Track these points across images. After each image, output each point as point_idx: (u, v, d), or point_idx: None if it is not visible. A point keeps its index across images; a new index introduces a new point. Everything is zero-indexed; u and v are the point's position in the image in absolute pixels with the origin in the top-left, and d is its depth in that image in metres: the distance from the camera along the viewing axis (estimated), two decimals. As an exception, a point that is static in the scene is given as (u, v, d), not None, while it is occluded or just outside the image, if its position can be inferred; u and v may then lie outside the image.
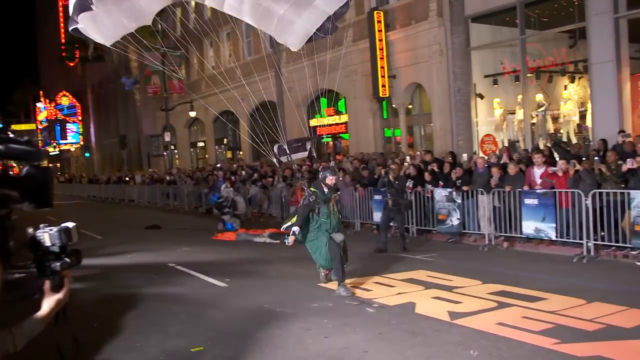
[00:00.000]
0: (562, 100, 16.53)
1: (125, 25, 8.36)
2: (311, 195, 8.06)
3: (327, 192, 8.15)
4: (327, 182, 8.17)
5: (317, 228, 8.12)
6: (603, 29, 13.75)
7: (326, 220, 8.09)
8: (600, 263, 9.57)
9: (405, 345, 5.82)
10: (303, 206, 8.15)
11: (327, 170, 8.45)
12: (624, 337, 5.79)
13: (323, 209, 8.07)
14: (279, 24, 8.31)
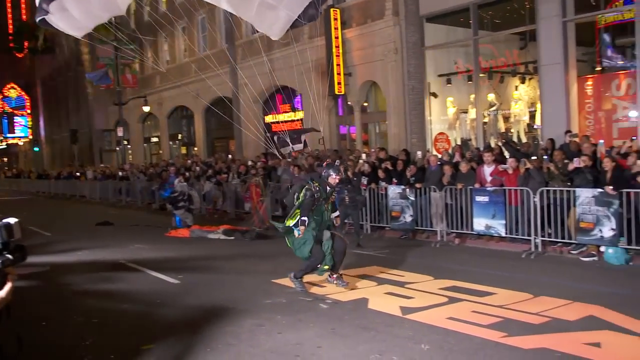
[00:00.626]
0: (513, 100, 16.93)
1: (98, 15, 8.11)
2: (317, 190, 7.74)
3: (328, 190, 7.93)
4: (329, 180, 7.92)
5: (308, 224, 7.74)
6: (552, 32, 14.14)
7: (318, 218, 7.82)
8: (547, 258, 9.86)
9: (357, 340, 5.88)
10: (310, 199, 7.70)
11: (331, 168, 8.10)
12: (568, 330, 5.98)
13: (319, 207, 7.82)
14: (259, 9, 7.82)
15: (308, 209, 7.70)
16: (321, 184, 7.85)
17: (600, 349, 5.46)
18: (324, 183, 7.88)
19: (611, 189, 9.04)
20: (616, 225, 9.04)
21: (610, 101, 13.84)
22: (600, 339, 5.67)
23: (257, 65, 23.79)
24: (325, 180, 7.91)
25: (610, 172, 9.27)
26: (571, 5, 14.09)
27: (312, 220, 7.76)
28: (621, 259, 9.09)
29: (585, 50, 15.26)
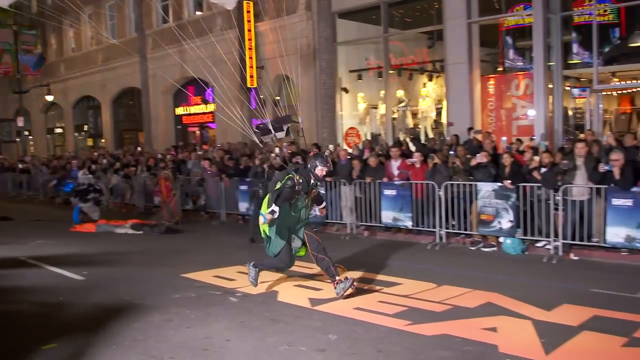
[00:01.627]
0: (421, 97, 17.48)
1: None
2: (300, 183, 7.08)
3: (312, 182, 7.26)
4: (316, 172, 7.23)
5: (282, 220, 7.18)
6: (457, 33, 14.71)
7: (295, 215, 7.21)
8: (451, 249, 10.28)
9: (266, 333, 5.93)
10: (289, 190, 7.08)
11: (318, 158, 7.36)
12: (468, 316, 6.29)
13: (300, 201, 7.20)
14: None
15: (283, 199, 7.10)
16: (305, 176, 7.19)
17: (497, 333, 5.77)
18: (309, 175, 7.22)
19: (509, 183, 9.56)
20: (514, 217, 9.58)
21: (511, 100, 14.58)
22: (497, 324, 6.00)
23: (168, 56, 23.32)
24: (312, 172, 7.23)
25: (509, 167, 9.78)
26: (475, 8, 14.70)
27: (289, 216, 7.18)
28: (518, 249, 9.65)
29: (488, 51, 15.98)
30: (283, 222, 7.17)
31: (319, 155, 7.53)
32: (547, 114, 13.54)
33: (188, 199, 15.41)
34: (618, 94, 17.20)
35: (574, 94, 15.25)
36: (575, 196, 9.10)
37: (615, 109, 17.56)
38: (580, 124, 14.59)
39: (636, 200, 8.53)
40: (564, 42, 14.02)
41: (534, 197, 9.56)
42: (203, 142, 22.94)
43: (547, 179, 9.36)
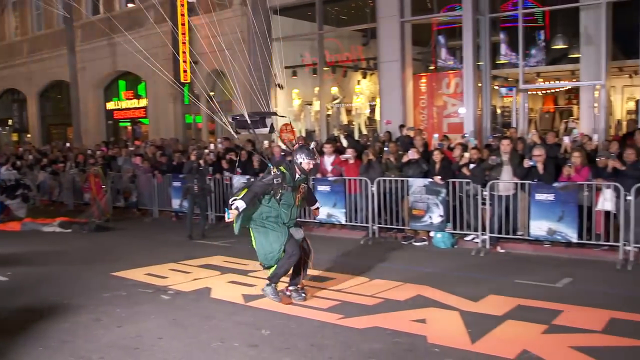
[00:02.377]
0: (355, 94, 17.67)
1: None
2: (278, 176, 6.50)
3: (298, 177, 6.69)
4: (302, 166, 6.65)
5: (275, 218, 6.63)
6: (391, 31, 14.94)
7: (287, 212, 6.64)
8: (384, 244, 10.47)
9: (199, 330, 5.89)
10: (262, 183, 6.56)
11: (304, 150, 6.76)
12: (399, 309, 6.45)
13: (287, 197, 6.59)
14: None
15: (254, 192, 6.53)
16: (290, 169, 6.65)
17: (426, 324, 5.95)
18: (293, 169, 6.67)
19: (439, 179, 9.82)
20: (444, 212, 9.86)
21: (442, 98, 14.95)
22: (426, 316, 6.19)
23: (98, 49, 22.68)
24: (298, 165, 6.65)
25: (439, 164, 10.04)
26: (408, 7, 14.98)
27: (281, 215, 6.63)
28: (448, 243, 9.94)
29: (421, 49, 16.33)
30: (277, 219, 6.64)
31: (305, 147, 6.96)
32: (476, 112, 13.96)
33: (119, 196, 15.06)
34: (543, 94, 17.96)
35: (502, 93, 15.79)
36: (501, 191, 9.45)
37: (540, 108, 18.33)
38: (508, 122, 15.10)
39: (557, 195, 8.94)
40: (493, 43, 14.48)
41: (463, 193, 9.87)
42: (135, 138, 22.43)
43: (476, 175, 9.68)
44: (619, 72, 15.10)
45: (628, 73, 14.96)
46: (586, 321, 5.91)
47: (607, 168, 8.77)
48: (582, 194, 8.85)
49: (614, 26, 13.13)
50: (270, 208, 6.63)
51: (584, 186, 8.86)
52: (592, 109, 13.42)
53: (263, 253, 6.63)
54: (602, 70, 12.93)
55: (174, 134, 20.20)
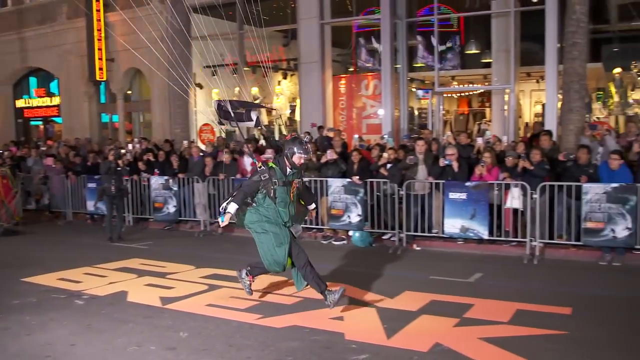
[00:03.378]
0: (275, 95, 17.67)
1: None
2: (265, 171, 6.15)
3: (289, 172, 6.28)
4: (294, 159, 6.23)
5: (274, 218, 6.26)
6: (311, 33, 15.07)
7: (285, 210, 6.25)
8: (303, 244, 10.42)
9: (114, 334, 5.75)
10: (251, 182, 6.24)
11: (295, 143, 6.32)
12: (317, 307, 6.51)
13: (281, 194, 6.20)
14: None
15: (246, 194, 6.23)
16: (279, 163, 6.27)
17: (343, 321, 6.07)
18: (284, 163, 6.27)
19: (357, 178, 10.01)
20: (362, 211, 10.04)
21: (361, 99, 15.22)
22: (344, 313, 6.30)
23: (6, 43, 21.60)
24: (289, 159, 6.24)
25: (357, 164, 10.23)
26: (328, 9, 15.16)
27: (278, 215, 6.26)
28: (366, 241, 10.14)
29: (341, 51, 16.54)
30: (275, 222, 6.26)
31: (297, 140, 6.46)
32: (394, 114, 14.30)
33: (30, 198, 14.42)
34: (457, 97, 18.61)
35: (419, 95, 16.25)
36: (417, 191, 9.74)
37: (455, 110, 18.98)
38: (425, 123, 15.56)
39: (469, 194, 9.31)
40: (410, 47, 14.89)
41: (380, 192, 10.10)
42: (47, 138, 21.52)
43: (393, 175, 9.93)
44: (527, 77, 15.88)
45: (535, 78, 15.73)
46: (494, 313, 6.20)
47: (518, 168, 9.19)
48: (492, 192, 9.26)
49: (523, 34, 13.82)
50: (267, 209, 6.25)
51: (494, 185, 9.27)
52: (502, 111, 14.05)
53: (269, 260, 6.30)
54: (511, 75, 13.55)
55: (89, 133, 19.54)
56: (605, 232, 8.51)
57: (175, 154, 12.66)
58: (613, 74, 13.64)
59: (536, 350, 5.16)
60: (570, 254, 9.07)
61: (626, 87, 13.57)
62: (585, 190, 8.63)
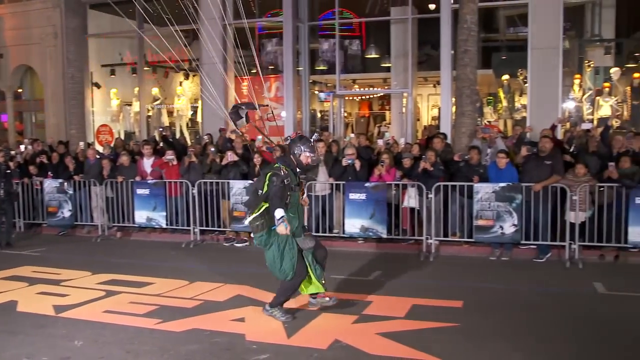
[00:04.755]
0: (177, 95, 17.36)
1: None
2: (287, 175, 5.78)
3: (297, 172, 6.04)
4: (301, 158, 5.96)
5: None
6: (213, 33, 14.88)
7: (294, 215, 5.93)
8: (205, 247, 10.46)
9: (3, 347, 5.48)
10: (278, 187, 5.71)
11: (305, 142, 6.04)
12: (218, 309, 6.51)
13: (294, 198, 5.89)
14: None
15: (279, 199, 5.73)
16: (289, 165, 5.95)
17: (244, 322, 6.08)
18: (293, 164, 5.98)
19: (260, 180, 10.01)
20: (264, 213, 10.05)
21: (264, 101, 15.22)
22: (245, 314, 6.32)
23: None
24: (296, 158, 5.97)
25: (259, 166, 10.22)
26: (231, 11, 15.08)
27: (290, 221, 5.83)
28: (268, 243, 10.16)
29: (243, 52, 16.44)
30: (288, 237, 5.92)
31: (305, 139, 6.17)
32: (296, 116, 14.44)
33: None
34: (359, 100, 19.07)
35: (321, 98, 16.50)
36: (318, 192, 9.90)
37: (356, 113, 19.44)
38: (327, 126, 15.81)
39: (369, 194, 9.57)
40: (311, 50, 15.09)
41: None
42: None
43: (295, 176, 10.01)
44: (425, 81, 16.54)
45: (432, 83, 16.41)
46: (392, 309, 6.42)
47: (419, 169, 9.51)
48: (390, 192, 9.58)
49: (420, 40, 14.38)
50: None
51: (392, 185, 9.59)
52: (401, 114, 14.55)
53: (276, 269, 6.01)
54: (409, 79, 14.06)
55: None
56: (494, 229, 9.02)
57: (70, 155, 12.13)
58: (502, 81, 14.46)
59: (428, 342, 5.41)
60: (463, 251, 9.54)
61: (513, 93, 14.43)
62: (476, 190, 9.10)
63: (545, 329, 5.82)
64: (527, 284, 7.73)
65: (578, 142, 10.56)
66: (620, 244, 8.73)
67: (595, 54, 14.00)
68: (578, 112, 13.60)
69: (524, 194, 8.94)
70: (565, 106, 13.22)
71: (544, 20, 12.26)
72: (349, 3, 15.04)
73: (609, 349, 5.31)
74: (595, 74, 14.00)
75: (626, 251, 8.87)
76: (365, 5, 15.15)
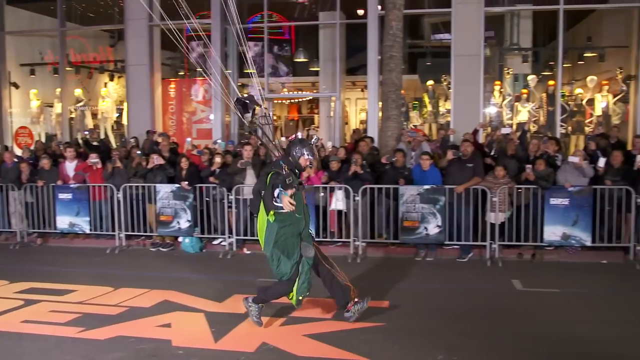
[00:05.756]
0: (101, 97, 16.89)
1: None
2: (289, 175, 5.62)
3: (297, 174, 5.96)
4: (300, 161, 5.89)
5: (290, 227, 5.75)
6: (139, 34, 14.62)
7: (300, 216, 5.82)
8: (131, 252, 10.23)
9: None
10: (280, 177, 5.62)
11: (304, 145, 5.98)
12: (144, 316, 6.38)
13: (298, 201, 5.73)
14: None
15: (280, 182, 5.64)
16: (290, 167, 5.82)
17: (171, 328, 6.00)
18: (291, 164, 5.86)
19: (186, 184, 9.90)
20: (191, 217, 9.96)
21: (191, 104, 15.06)
22: (171, 320, 6.23)
23: None
24: (296, 160, 5.88)
25: (186, 169, 10.11)
26: (157, 11, 14.81)
27: (294, 220, 5.76)
28: (196, 247, 10.09)
29: (171, 54, 16.24)
30: (291, 231, 5.76)
31: (304, 142, 6.13)
32: (224, 119, 14.35)
33: None
34: (288, 103, 19.15)
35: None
36: (246, 195, 9.86)
37: (286, 116, 19.52)
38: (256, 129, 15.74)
39: (297, 197, 9.60)
40: (240, 52, 15.03)
41: (210, 197, 10.08)
42: None
43: (223, 179, 9.96)
44: (353, 86, 16.81)
45: (360, 87, 16.68)
46: (319, 311, 6.48)
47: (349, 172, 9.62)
48: (318, 195, 9.67)
49: (348, 45, 14.59)
50: (285, 216, 5.71)
51: (319, 188, 9.69)
52: (329, 118, 14.71)
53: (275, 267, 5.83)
54: (337, 83, 14.25)
55: None
56: (419, 230, 9.26)
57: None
58: (427, 86, 14.88)
59: (356, 342, 5.51)
60: (389, 252, 9.75)
61: (438, 98, 14.87)
62: (401, 192, 9.33)
63: (466, 325, 6.04)
64: (450, 283, 8.00)
65: (498, 145, 10.99)
66: (537, 242, 9.18)
67: (514, 62, 14.62)
68: (499, 117, 14.15)
69: (447, 195, 9.23)
70: (486, 111, 13.75)
71: (466, 29, 12.72)
72: (278, 7, 15.09)
73: (525, 342, 5.56)
74: (514, 80, 14.63)
75: (542, 249, 9.33)
76: (294, 9, 15.24)
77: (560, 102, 13.11)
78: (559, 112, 13.05)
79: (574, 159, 9.20)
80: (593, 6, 13.85)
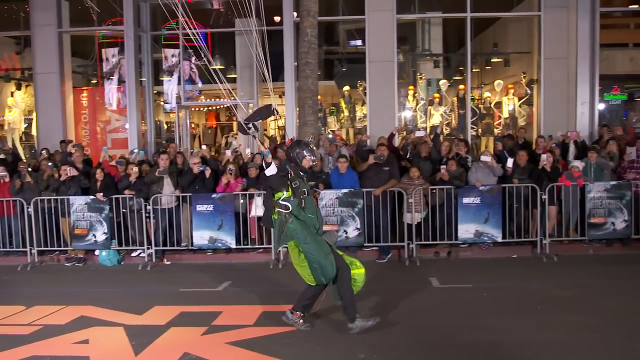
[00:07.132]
0: (7, 107, 16.13)
1: None
2: (294, 179, 5.78)
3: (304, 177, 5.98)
4: (303, 163, 5.95)
5: (308, 228, 5.85)
6: (47, 41, 14.07)
7: (313, 216, 5.89)
8: (45, 268, 9.85)
9: None
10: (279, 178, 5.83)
11: (303, 147, 6.04)
12: (59, 333, 6.17)
13: (309, 203, 5.86)
14: None
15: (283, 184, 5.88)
16: (294, 171, 5.89)
17: (89, 344, 5.84)
18: (296, 169, 5.91)
19: (101, 195, 9.63)
20: (108, 229, 9.69)
21: (105, 113, 14.63)
22: (89, 335, 6.07)
23: None
24: (299, 164, 5.95)
25: (101, 181, 9.83)
26: (67, 17, 14.33)
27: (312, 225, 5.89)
28: (114, 260, 9.84)
29: (83, 62, 15.73)
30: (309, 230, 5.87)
31: (303, 143, 6.19)
32: (140, 128, 14.03)
33: None
34: (206, 110, 18.95)
35: (166, 109, 16.15)
36: (164, 205, 9.71)
37: (204, 124, 19.30)
38: (173, 137, 15.52)
39: (216, 205, 9.58)
40: (155, 60, 14.77)
41: (126, 208, 9.84)
42: None
43: (140, 189, 9.76)
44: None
45: (278, 93, 16.72)
46: (241, 318, 6.50)
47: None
48: (238, 202, 9.65)
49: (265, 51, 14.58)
50: (302, 220, 5.86)
51: (239, 195, 9.68)
52: (248, 125, 14.61)
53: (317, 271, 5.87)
54: (255, 90, 14.25)
55: None
56: (339, 233, 9.41)
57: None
58: (343, 91, 15.13)
59: (279, 346, 5.56)
60: (311, 256, 9.82)
61: (354, 103, 15.15)
62: (321, 197, 9.45)
63: (386, 323, 6.20)
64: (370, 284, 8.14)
65: (412, 148, 11.33)
66: (452, 241, 9.55)
67: (426, 67, 15.12)
68: (413, 121, 14.58)
69: (365, 198, 9.44)
70: (401, 115, 14.14)
71: (380, 35, 13.05)
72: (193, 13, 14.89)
73: (443, 335, 5.80)
74: (427, 85, 15.12)
75: (457, 247, 9.71)
76: (210, 16, 15.12)
77: (470, 105, 13.66)
78: (470, 115, 13.60)
79: (485, 158, 9.65)
80: (498, 14, 14.62)
